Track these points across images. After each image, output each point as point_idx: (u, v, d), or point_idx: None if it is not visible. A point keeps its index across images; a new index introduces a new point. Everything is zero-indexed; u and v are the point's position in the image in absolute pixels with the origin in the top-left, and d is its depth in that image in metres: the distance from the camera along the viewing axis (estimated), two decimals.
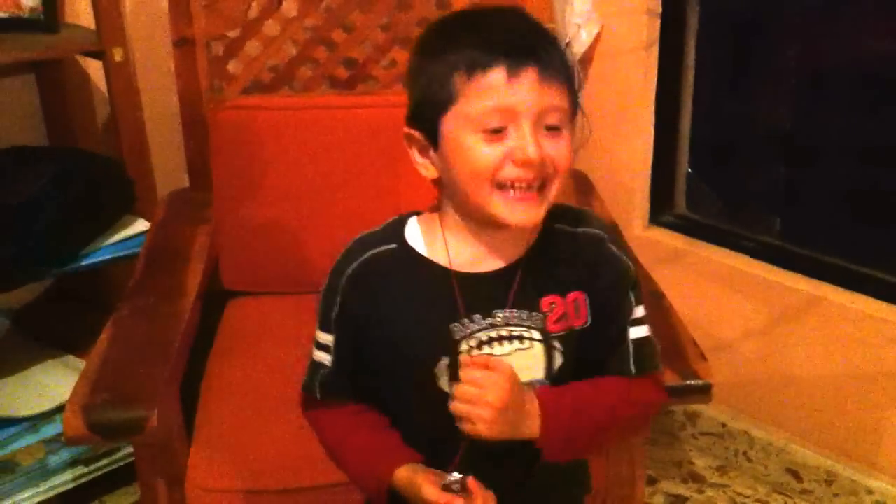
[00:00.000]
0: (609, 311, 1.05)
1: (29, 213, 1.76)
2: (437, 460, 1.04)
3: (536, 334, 1.02)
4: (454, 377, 0.99)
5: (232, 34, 1.90)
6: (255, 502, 1.43)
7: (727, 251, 1.97)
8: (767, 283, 1.90)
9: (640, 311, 1.08)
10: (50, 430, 1.81)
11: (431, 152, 0.99)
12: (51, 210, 1.78)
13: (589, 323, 1.04)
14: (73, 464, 1.86)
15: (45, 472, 1.83)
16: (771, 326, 1.92)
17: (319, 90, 1.94)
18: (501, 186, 0.95)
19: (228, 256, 1.86)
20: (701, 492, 1.99)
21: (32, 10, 1.84)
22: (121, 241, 1.85)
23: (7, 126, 2.02)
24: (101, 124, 2.03)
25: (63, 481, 1.86)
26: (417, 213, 1.07)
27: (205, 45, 1.89)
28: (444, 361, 1.01)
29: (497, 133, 0.94)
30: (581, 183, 1.95)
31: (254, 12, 1.89)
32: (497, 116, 0.94)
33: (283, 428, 1.43)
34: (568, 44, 1.88)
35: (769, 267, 1.92)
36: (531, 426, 1.00)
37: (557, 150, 0.96)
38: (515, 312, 1.01)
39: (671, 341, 1.41)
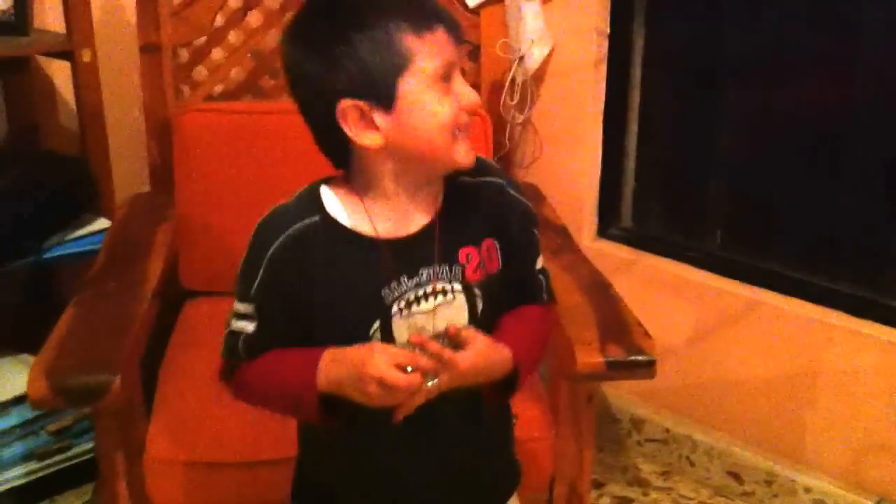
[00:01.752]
0: (519, 251, 1.14)
1: None
2: (375, 423, 1.07)
3: (458, 286, 1.08)
4: (386, 339, 1.06)
5: (197, 42, 1.97)
6: (212, 474, 1.47)
7: (671, 261, 2.06)
8: (709, 289, 1.99)
9: (538, 242, 1.18)
10: (3, 423, 1.82)
11: (378, 118, 1.01)
12: (11, 206, 1.82)
13: (500, 266, 1.11)
14: (25, 458, 1.87)
15: None
16: (713, 331, 2.00)
17: (281, 99, 2.01)
18: (456, 133, 1.03)
19: (187, 256, 1.90)
20: (646, 495, 2.04)
21: (3, 11, 1.89)
22: (82, 237, 1.89)
23: None
24: (63, 127, 2.07)
25: (15, 475, 1.86)
26: (325, 181, 1.09)
27: (171, 51, 1.96)
28: (377, 325, 1.06)
29: (446, 84, 1.01)
30: (532, 194, 2.03)
31: (219, 21, 1.96)
32: (446, 69, 1.01)
33: (242, 406, 1.46)
34: (521, 59, 1.97)
35: (710, 275, 2.01)
36: (502, 372, 1.08)
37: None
38: (437, 268, 1.07)
39: (618, 322, 1.48)
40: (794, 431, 1.92)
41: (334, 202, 1.07)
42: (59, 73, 2.06)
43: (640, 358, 1.39)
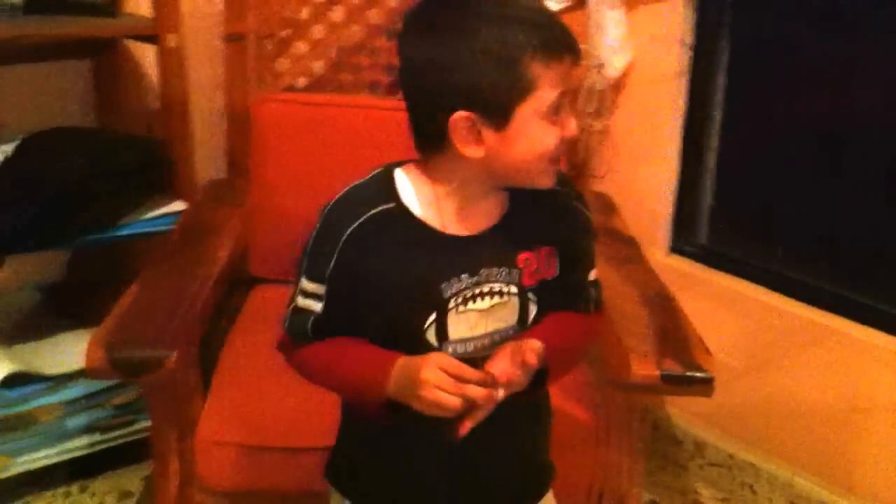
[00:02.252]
0: (574, 260, 1.14)
1: (68, 183, 1.84)
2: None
3: (513, 288, 1.09)
4: (440, 332, 1.07)
5: (281, 34, 1.99)
6: (257, 457, 1.48)
7: (744, 281, 2.00)
8: (779, 311, 1.93)
9: (594, 254, 1.19)
10: (70, 393, 1.87)
11: (487, 134, 1.01)
12: (88, 183, 1.86)
13: (558, 274, 1.12)
14: (89, 430, 1.91)
15: (62, 435, 1.88)
16: (782, 356, 1.94)
17: (359, 94, 2.02)
18: (554, 161, 1.04)
19: (257, 244, 1.93)
20: None
21: None
22: (156, 218, 1.93)
23: (61, 107, 2.12)
24: (148, 110, 2.11)
25: (78, 446, 1.91)
26: (398, 164, 1.10)
27: (254, 41, 1.99)
28: (432, 317, 1.07)
29: (559, 115, 1.01)
30: (604, 204, 2.01)
31: (304, 14, 1.98)
32: (564, 99, 1.01)
33: (294, 392, 1.46)
34: (601, 67, 1.95)
35: (782, 297, 1.95)
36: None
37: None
38: (496, 270, 1.08)
39: (678, 336, 1.45)
40: (855, 464, 1.85)
41: (408, 190, 1.08)
42: (148, 56, 2.10)
43: (697, 374, 1.36)
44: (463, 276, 1.07)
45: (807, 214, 1.98)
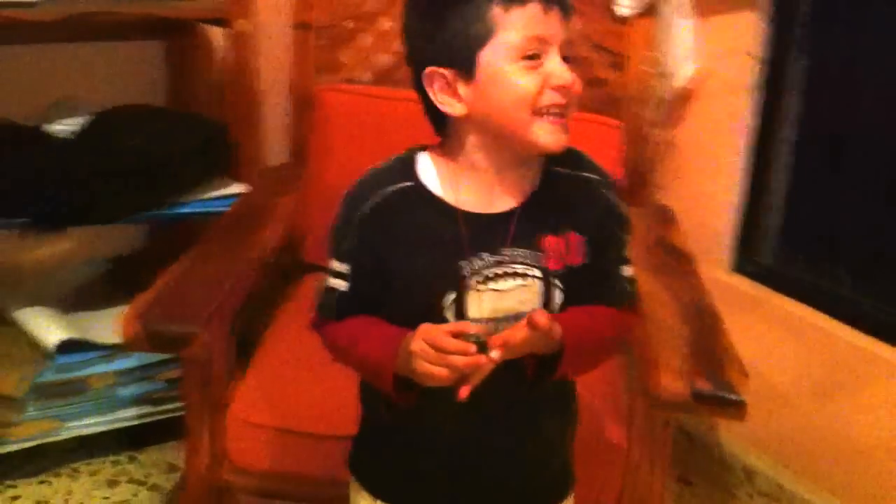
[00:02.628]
0: (603, 249, 1.11)
1: (133, 159, 1.89)
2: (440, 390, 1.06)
3: (537, 272, 1.07)
4: (460, 311, 1.06)
5: (347, 24, 2.01)
6: (284, 441, 1.50)
7: (806, 306, 1.94)
8: (841, 341, 1.86)
9: (627, 250, 1.15)
10: (123, 363, 1.92)
11: (461, 88, 1.03)
12: (150, 160, 1.91)
13: (584, 263, 1.09)
14: (140, 401, 1.96)
15: (113, 403, 1.94)
16: (840, 387, 1.87)
17: None
18: (538, 113, 1.02)
19: (312, 231, 1.95)
20: None
21: None
22: (214, 199, 1.96)
23: (133, 87, 2.17)
24: (218, 92, 2.15)
25: (128, 416, 1.96)
26: (423, 148, 1.12)
27: (321, 30, 2.01)
28: (452, 296, 1.06)
29: (533, 60, 1.01)
30: (664, 215, 1.97)
31: (369, 7, 2.00)
32: (535, 44, 1.01)
33: (327, 380, 1.47)
34: (666, 75, 1.91)
35: (845, 326, 1.88)
36: (551, 347, 1.05)
37: (575, 77, 1.04)
38: (519, 251, 1.07)
39: (715, 354, 1.41)
40: None
41: (428, 169, 1.09)
42: (220, 39, 2.13)
43: (728, 395, 1.31)
44: (483, 254, 1.06)
45: (881, 242, 1.91)
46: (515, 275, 1.07)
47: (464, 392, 1.00)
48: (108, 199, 1.87)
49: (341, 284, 1.11)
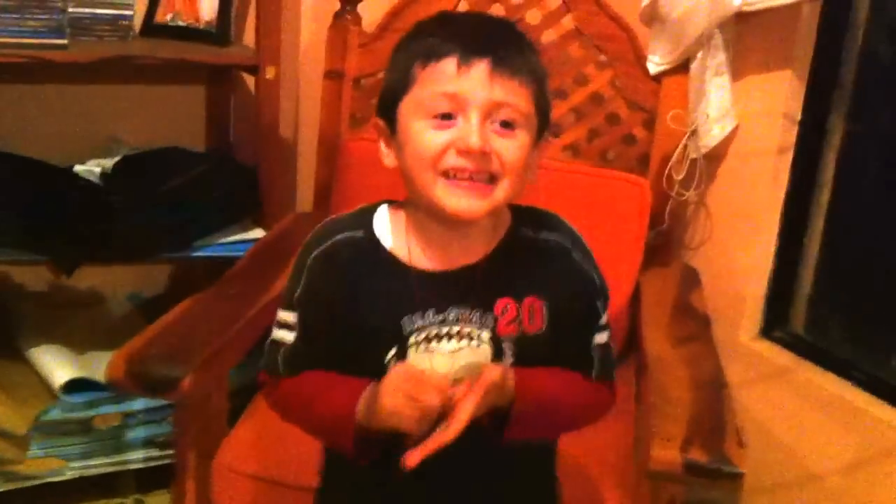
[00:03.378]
0: (572, 321, 1.07)
1: (165, 201, 1.90)
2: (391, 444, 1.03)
3: (486, 334, 1.03)
4: None
5: (380, 75, 2.00)
6: (269, 492, 1.47)
7: (837, 378, 1.83)
8: (874, 419, 1.76)
9: (604, 319, 1.09)
10: (131, 405, 1.91)
11: (391, 140, 1.04)
12: (183, 203, 1.92)
13: (544, 329, 1.04)
14: (146, 444, 1.95)
15: (119, 445, 1.93)
16: (874, 469, 1.76)
17: None
18: (445, 175, 0.98)
19: None
20: None
21: (208, 23, 2.02)
22: (233, 243, 1.96)
23: (173, 129, 2.20)
24: (251, 137, 2.15)
25: (134, 458, 1.95)
26: (389, 202, 1.10)
27: (353, 80, 2.01)
28: (392, 352, 1.03)
29: (445, 120, 0.97)
30: (687, 278, 1.91)
31: None
32: (445, 102, 0.97)
33: None
34: (695, 133, 1.86)
35: (881, 403, 1.77)
36: (506, 400, 1.00)
37: (507, 147, 0.98)
38: (468, 312, 1.03)
39: (714, 423, 1.34)
40: None
41: (384, 222, 1.08)
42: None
43: (722, 467, 1.24)
44: (428, 312, 1.02)
45: None
46: (461, 335, 1.02)
47: (412, 460, 0.95)
48: (130, 238, 1.87)
49: (287, 336, 1.08)
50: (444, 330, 1.02)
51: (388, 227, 1.07)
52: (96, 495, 1.96)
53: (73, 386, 1.86)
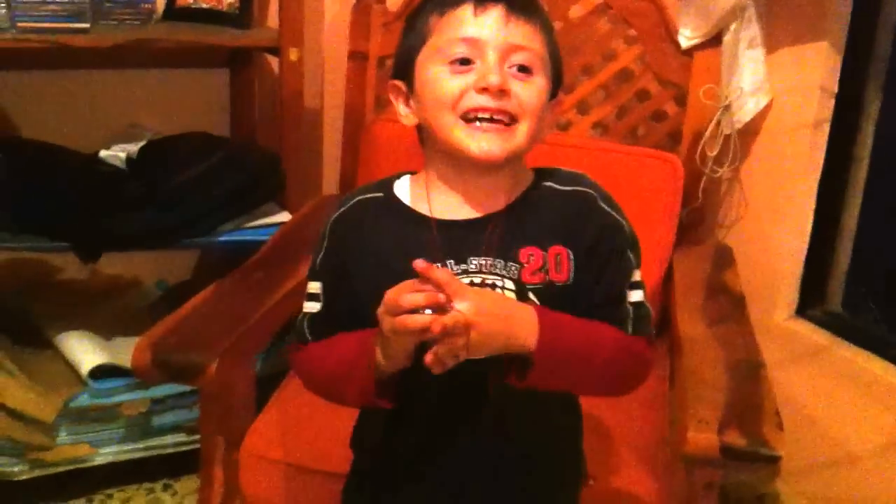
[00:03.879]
0: (602, 269, 1.02)
1: (189, 187, 1.88)
2: (415, 396, 1.02)
3: (510, 284, 1.00)
4: None
5: None
6: (296, 478, 1.45)
7: (874, 357, 1.80)
8: None
9: (637, 275, 1.05)
10: (157, 391, 1.89)
11: (411, 98, 1.03)
12: (207, 189, 1.90)
13: (571, 280, 1.01)
14: (174, 429, 1.94)
15: (147, 431, 1.92)
16: None
17: None
18: (466, 118, 0.97)
19: None
20: None
21: (230, 5, 1.99)
22: (258, 227, 1.93)
23: (198, 114, 2.18)
24: (275, 120, 2.13)
25: (162, 444, 1.93)
26: (411, 173, 1.09)
27: (377, 60, 1.98)
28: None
29: (464, 65, 0.97)
30: (721, 256, 1.87)
31: None
32: (462, 46, 0.98)
33: (344, 418, 1.43)
34: (728, 108, 1.81)
35: None
36: (527, 337, 0.95)
37: (525, 90, 0.98)
38: (491, 260, 1.00)
39: (751, 406, 1.30)
40: None
41: (404, 185, 1.08)
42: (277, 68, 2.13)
43: (760, 450, 1.20)
44: (449, 262, 1.00)
45: None
46: (484, 285, 0.99)
47: (430, 357, 0.91)
48: (155, 225, 1.86)
49: (314, 307, 1.07)
50: (466, 280, 0.99)
51: (407, 189, 1.06)
52: (125, 481, 1.96)
53: (101, 372, 1.85)
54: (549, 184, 1.05)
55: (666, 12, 1.85)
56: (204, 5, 2.01)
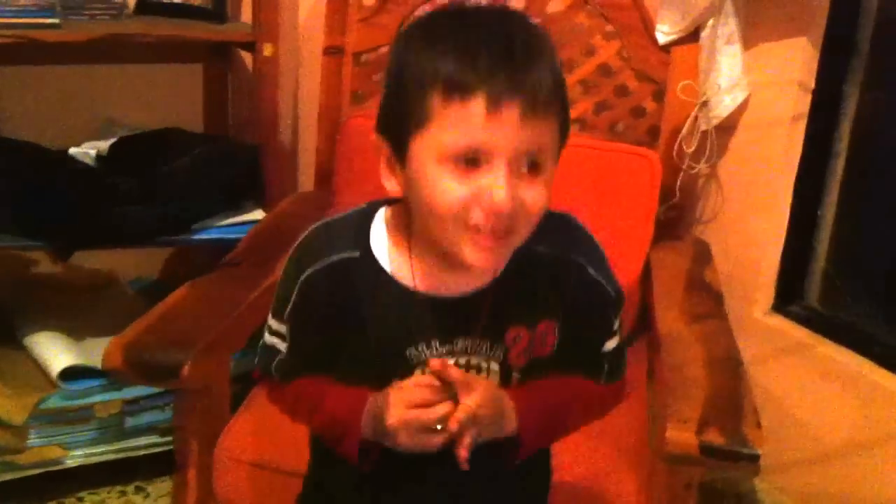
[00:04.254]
0: (584, 335, 1.01)
1: (163, 183, 1.85)
2: (391, 466, 1.00)
3: (495, 366, 0.98)
4: None
5: (382, 48, 1.95)
6: (270, 479, 1.42)
7: (852, 353, 1.79)
8: (892, 394, 1.72)
9: (616, 324, 1.04)
10: (130, 392, 1.86)
11: (398, 169, 0.91)
12: (181, 186, 1.87)
13: (554, 350, 1.00)
14: (148, 431, 1.91)
15: (120, 432, 1.89)
16: (886, 443, 1.73)
17: None
18: (466, 225, 0.88)
19: None
20: None
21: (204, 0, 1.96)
22: (234, 225, 1.91)
23: (170, 109, 2.15)
24: (250, 116, 2.10)
25: (135, 446, 1.91)
26: (387, 203, 1.00)
27: (353, 55, 1.95)
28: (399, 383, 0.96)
29: (469, 167, 0.86)
30: (699, 252, 1.86)
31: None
32: (470, 153, 0.86)
33: None
34: (706, 105, 1.80)
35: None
36: (510, 425, 0.96)
37: (534, 194, 0.88)
38: (477, 342, 0.97)
39: (731, 404, 1.30)
40: None
41: (381, 237, 0.98)
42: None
43: (740, 449, 1.20)
44: (433, 342, 0.96)
45: None
46: (469, 367, 0.96)
47: (463, 453, 0.92)
48: (128, 223, 1.83)
49: (280, 345, 1.02)
50: (451, 361, 0.95)
51: (386, 245, 0.97)
52: (98, 483, 1.92)
53: (73, 373, 1.81)
54: (539, 248, 0.97)
55: (644, 8, 1.84)
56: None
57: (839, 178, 1.86)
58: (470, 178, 0.86)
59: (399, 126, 0.89)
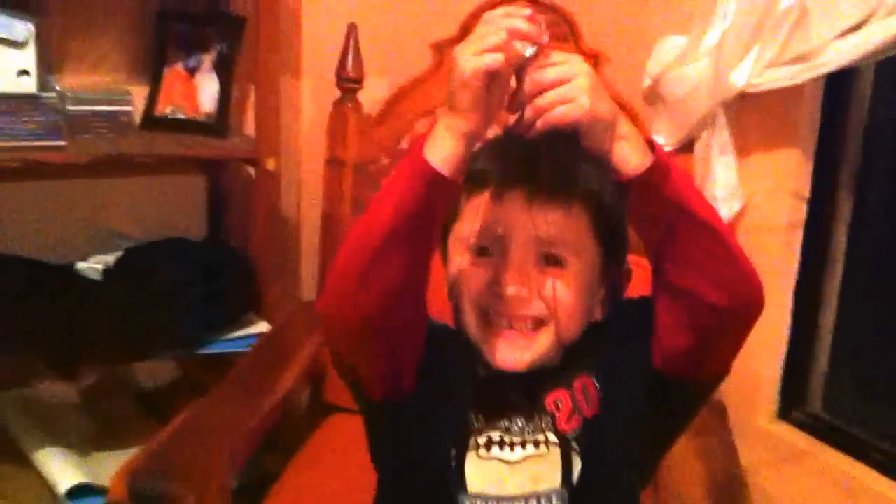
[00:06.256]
0: (625, 365, 0.97)
1: (167, 298, 1.87)
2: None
3: (552, 436, 0.93)
4: (458, 475, 0.93)
5: (383, 161, 1.98)
6: None
7: (855, 462, 1.79)
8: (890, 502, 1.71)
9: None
10: None
11: (444, 271, 0.97)
12: (185, 299, 1.89)
13: (601, 412, 0.94)
14: None
15: None
16: None
17: None
18: (488, 319, 0.90)
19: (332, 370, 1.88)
20: None
21: (208, 115, 2.00)
22: (239, 338, 1.92)
23: (174, 219, 2.17)
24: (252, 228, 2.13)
25: None
26: None
27: (354, 166, 1.99)
28: (452, 451, 0.93)
29: (483, 255, 0.90)
30: None
31: (404, 144, 1.97)
32: (482, 240, 0.90)
33: None
34: None
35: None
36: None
37: (557, 286, 0.88)
38: (522, 420, 0.94)
39: None
40: None
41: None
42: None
43: None
44: (486, 415, 0.94)
45: None
46: (525, 442, 0.92)
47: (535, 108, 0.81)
48: (132, 338, 1.84)
49: None
50: (507, 438, 0.93)
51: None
52: None
53: (78, 492, 1.80)
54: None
55: (639, 120, 1.87)
56: (181, 115, 2.02)
57: (838, 283, 1.88)
58: (485, 266, 0.90)
59: (444, 227, 0.95)
